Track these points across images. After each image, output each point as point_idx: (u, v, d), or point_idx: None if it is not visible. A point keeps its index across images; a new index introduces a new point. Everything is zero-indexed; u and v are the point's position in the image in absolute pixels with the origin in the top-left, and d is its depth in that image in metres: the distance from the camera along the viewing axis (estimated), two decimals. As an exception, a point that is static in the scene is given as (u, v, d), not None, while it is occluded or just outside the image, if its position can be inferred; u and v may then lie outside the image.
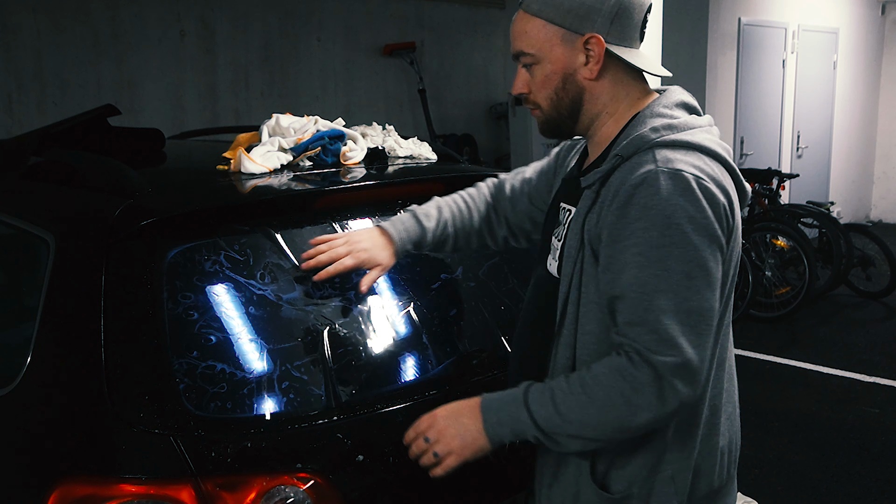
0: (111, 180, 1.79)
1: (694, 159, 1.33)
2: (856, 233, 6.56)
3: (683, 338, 1.27)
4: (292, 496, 1.47)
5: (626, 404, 1.29)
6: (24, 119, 5.77)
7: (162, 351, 1.52)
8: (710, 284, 1.29)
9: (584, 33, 1.39)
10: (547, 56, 1.42)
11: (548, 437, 1.36)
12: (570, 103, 1.45)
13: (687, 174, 1.30)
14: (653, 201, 1.29)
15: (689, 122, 1.40)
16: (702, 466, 1.45)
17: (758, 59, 7.73)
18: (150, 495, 1.41)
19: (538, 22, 1.42)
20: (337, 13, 7.57)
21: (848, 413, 4.38)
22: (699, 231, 1.28)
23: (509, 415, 1.38)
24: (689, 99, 1.47)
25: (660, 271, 1.28)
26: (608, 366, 1.32)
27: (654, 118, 1.40)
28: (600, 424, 1.32)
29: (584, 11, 1.39)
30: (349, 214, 1.86)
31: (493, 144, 9.19)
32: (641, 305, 1.28)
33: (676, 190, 1.28)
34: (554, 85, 1.44)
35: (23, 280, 1.99)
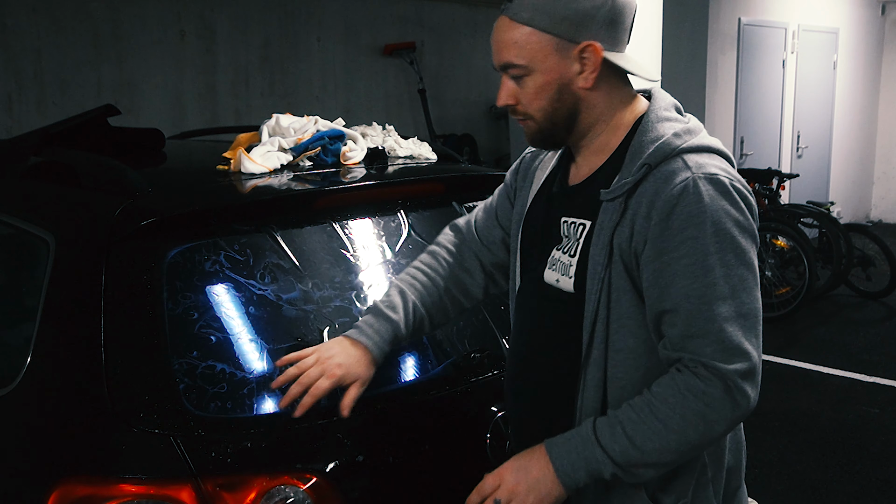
0: (111, 180, 1.79)
1: (719, 162, 1.33)
2: (856, 233, 6.55)
3: (747, 342, 1.26)
4: (292, 496, 1.47)
5: (703, 421, 1.26)
6: (24, 119, 5.76)
7: (162, 351, 1.52)
8: (757, 285, 1.30)
9: (581, 41, 1.33)
10: (540, 67, 1.35)
11: (626, 471, 1.30)
12: (566, 114, 1.39)
13: (723, 178, 1.29)
14: (698, 209, 1.26)
15: (698, 124, 1.40)
16: (731, 462, 1.46)
17: (758, 59, 7.73)
18: (150, 495, 1.41)
19: (528, 30, 1.34)
20: (337, 13, 7.57)
21: (848, 413, 4.38)
22: (744, 233, 1.28)
23: (581, 457, 1.32)
24: (675, 101, 1.45)
25: (716, 279, 1.25)
26: (673, 386, 1.28)
27: (662, 122, 1.36)
28: (680, 447, 1.28)
29: (579, 19, 1.32)
30: (349, 214, 1.86)
31: (493, 144, 9.19)
32: (702, 316, 1.25)
33: (718, 195, 1.27)
34: (548, 96, 1.37)
35: (23, 280, 1.99)
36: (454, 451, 1.72)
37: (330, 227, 1.82)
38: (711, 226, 1.25)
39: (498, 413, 1.75)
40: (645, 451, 1.28)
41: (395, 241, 1.89)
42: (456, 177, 2.17)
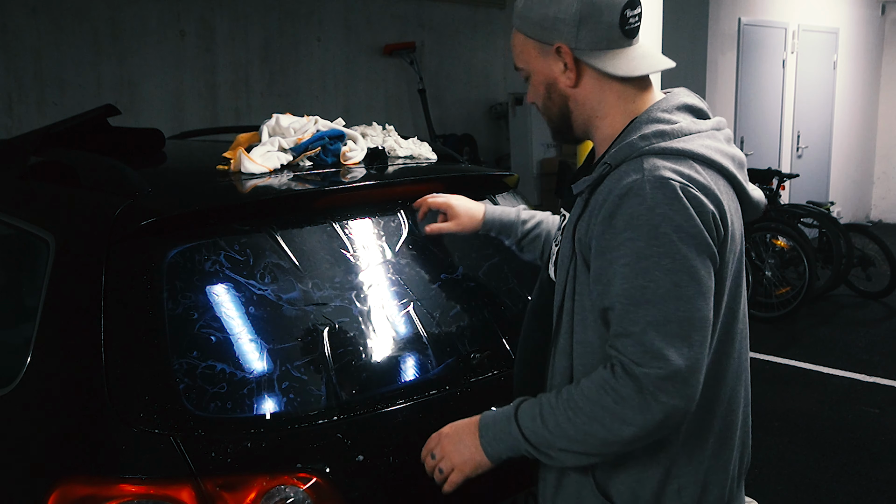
0: (111, 180, 1.79)
1: (684, 167, 1.31)
2: (856, 233, 6.56)
3: (672, 349, 1.24)
4: (292, 496, 1.47)
5: (611, 417, 1.27)
6: (24, 119, 5.77)
7: (162, 351, 1.52)
8: (701, 293, 1.27)
9: (553, 43, 1.39)
10: (531, 68, 1.45)
11: (539, 452, 1.35)
12: (558, 111, 1.46)
13: (674, 182, 1.27)
14: (639, 210, 1.27)
15: (686, 127, 1.37)
16: (711, 480, 1.42)
17: (758, 59, 7.73)
18: (150, 495, 1.41)
19: (520, 37, 1.44)
20: (337, 13, 7.57)
21: (848, 413, 4.38)
22: (687, 240, 1.26)
23: (503, 431, 1.39)
24: (693, 101, 1.45)
25: (647, 282, 1.26)
26: (594, 380, 1.31)
27: (648, 124, 1.36)
28: (587, 438, 1.30)
29: (549, 23, 1.38)
30: (349, 214, 1.86)
31: (493, 144, 9.19)
32: (628, 317, 1.27)
33: (663, 199, 1.26)
34: (542, 95, 1.46)
35: (23, 280, 1.99)
36: (454, 451, 1.71)
37: (330, 227, 1.82)
38: (650, 229, 1.26)
39: (498, 413, 1.75)
40: (555, 436, 1.32)
41: (395, 241, 1.89)
42: (456, 177, 2.17)
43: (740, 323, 1.43)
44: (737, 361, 1.43)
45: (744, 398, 1.49)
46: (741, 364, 1.46)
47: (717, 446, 1.42)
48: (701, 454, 1.40)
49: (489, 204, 1.93)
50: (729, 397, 1.43)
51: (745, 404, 1.50)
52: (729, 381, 1.42)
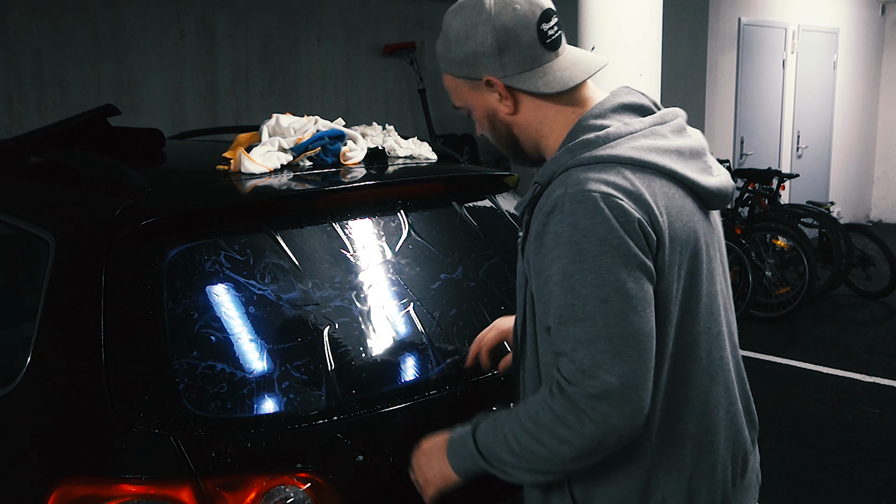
0: (111, 180, 1.79)
1: (609, 175, 1.26)
2: (856, 233, 6.55)
3: (602, 367, 1.22)
4: (292, 496, 1.47)
5: (549, 436, 1.26)
6: (24, 119, 5.77)
7: (162, 351, 1.52)
8: (630, 307, 1.23)
9: (482, 77, 1.38)
10: (468, 103, 1.45)
11: (495, 468, 1.36)
12: (506, 138, 1.46)
13: (595, 193, 1.24)
14: (562, 228, 1.25)
15: (615, 131, 1.32)
16: (697, 487, 1.39)
17: (758, 59, 7.73)
18: (150, 495, 1.41)
19: (449, 78, 1.45)
20: (337, 13, 7.57)
21: (848, 413, 4.38)
22: (611, 252, 1.22)
23: (463, 448, 1.40)
24: (633, 99, 1.40)
25: (574, 300, 1.23)
26: (536, 398, 1.30)
27: (577, 134, 1.34)
28: (531, 456, 1.29)
29: (471, 59, 1.38)
30: (349, 214, 1.86)
31: (493, 145, 9.19)
32: (560, 336, 1.25)
33: (583, 213, 1.23)
34: (487, 126, 1.46)
35: (23, 280, 1.99)
36: (454, 451, 1.72)
37: (330, 227, 1.82)
38: (573, 245, 1.24)
39: (498, 413, 1.75)
40: (505, 453, 1.33)
41: (395, 241, 1.89)
42: (456, 177, 2.17)
43: (703, 322, 1.37)
44: (706, 362, 1.39)
45: (725, 398, 1.43)
46: (714, 364, 1.40)
47: (697, 452, 1.38)
48: (680, 462, 1.37)
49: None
50: (703, 400, 1.38)
51: (728, 403, 1.44)
52: (699, 384, 1.38)
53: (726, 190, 1.42)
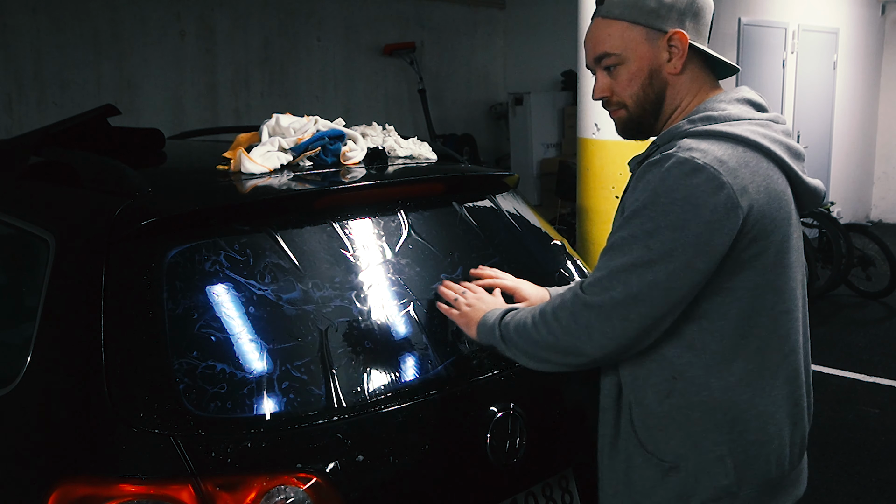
0: (111, 180, 1.79)
1: (720, 149, 1.37)
2: (856, 233, 6.55)
3: (612, 290, 1.37)
4: (292, 496, 1.47)
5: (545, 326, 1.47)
6: (24, 119, 5.77)
7: (162, 351, 1.52)
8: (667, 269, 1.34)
9: (668, 30, 1.47)
10: (633, 55, 1.49)
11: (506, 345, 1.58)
12: (654, 98, 1.51)
13: (698, 160, 1.34)
14: (654, 178, 1.36)
15: (736, 114, 1.45)
16: (758, 454, 1.47)
17: (758, 59, 7.73)
18: (150, 495, 1.41)
19: (621, 24, 1.48)
20: (337, 13, 7.58)
21: (848, 413, 4.38)
22: (678, 213, 1.33)
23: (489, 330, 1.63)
24: (753, 97, 1.52)
25: (628, 235, 1.37)
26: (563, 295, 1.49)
27: (704, 111, 1.46)
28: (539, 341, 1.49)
29: (664, 11, 1.47)
30: (349, 214, 1.86)
31: (493, 144, 9.20)
32: (604, 256, 1.42)
33: (678, 172, 1.34)
34: (641, 82, 1.50)
35: (23, 280, 1.99)
36: (454, 451, 1.72)
37: (330, 227, 1.82)
38: (652, 193, 1.36)
39: (498, 413, 1.76)
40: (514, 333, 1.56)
41: (395, 241, 1.89)
42: (456, 177, 2.17)
43: (787, 303, 1.46)
44: (781, 340, 1.47)
45: (792, 378, 1.51)
46: (788, 345, 1.49)
47: (759, 420, 1.47)
48: (742, 425, 1.45)
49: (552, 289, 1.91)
50: (773, 373, 1.47)
51: (793, 386, 1.52)
52: (771, 359, 1.46)
53: (821, 191, 1.54)
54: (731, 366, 1.44)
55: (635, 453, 1.52)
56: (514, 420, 1.78)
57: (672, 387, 1.46)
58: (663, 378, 1.46)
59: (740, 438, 1.46)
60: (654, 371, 1.47)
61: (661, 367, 1.47)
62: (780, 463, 1.50)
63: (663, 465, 1.48)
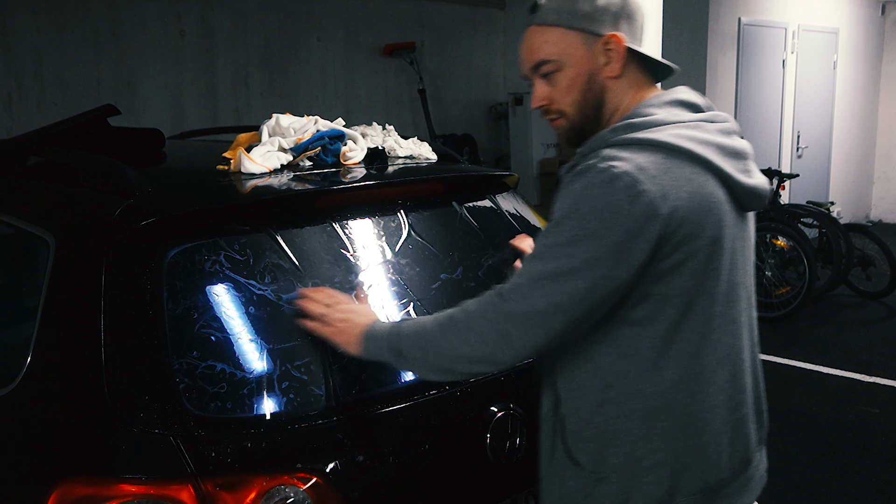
0: (111, 180, 1.79)
1: (640, 157, 1.35)
2: (856, 233, 6.55)
3: (532, 298, 1.34)
4: (292, 496, 1.47)
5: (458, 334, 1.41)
6: (24, 119, 5.77)
7: (162, 351, 1.52)
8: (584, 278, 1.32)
9: (604, 33, 1.45)
10: (570, 61, 1.47)
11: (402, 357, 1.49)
12: (594, 103, 1.49)
13: (616, 169, 1.32)
14: (575, 188, 1.35)
15: (662, 118, 1.42)
16: (691, 462, 1.44)
17: (758, 59, 7.73)
18: (150, 495, 1.41)
19: (557, 30, 1.46)
20: (337, 13, 7.58)
21: (848, 413, 4.38)
22: (598, 222, 1.31)
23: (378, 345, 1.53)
24: (689, 97, 1.49)
25: (548, 242, 1.36)
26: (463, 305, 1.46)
27: (632, 117, 1.44)
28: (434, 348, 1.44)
29: (599, 14, 1.45)
30: (349, 214, 1.86)
31: (493, 144, 9.19)
32: (525, 264, 1.40)
33: (597, 181, 1.33)
34: (580, 87, 1.48)
35: (23, 280, 1.99)
36: (454, 451, 1.72)
37: (330, 227, 1.82)
38: (573, 203, 1.35)
39: (498, 413, 1.76)
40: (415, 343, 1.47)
41: (395, 241, 1.89)
42: (456, 177, 2.17)
43: (718, 306, 1.43)
44: (715, 344, 1.43)
45: (730, 384, 1.47)
46: (723, 348, 1.45)
47: (692, 427, 1.43)
48: (673, 432, 1.42)
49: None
50: (707, 379, 1.43)
51: (733, 391, 1.48)
52: (705, 363, 1.42)
53: (761, 190, 1.49)
54: (664, 372, 1.41)
55: (565, 466, 1.50)
56: (514, 420, 1.78)
57: (606, 396, 1.43)
58: (597, 387, 1.44)
59: (674, 446, 1.43)
60: (589, 380, 1.45)
61: (595, 377, 1.44)
62: (718, 471, 1.46)
63: (593, 477, 1.45)
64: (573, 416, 1.48)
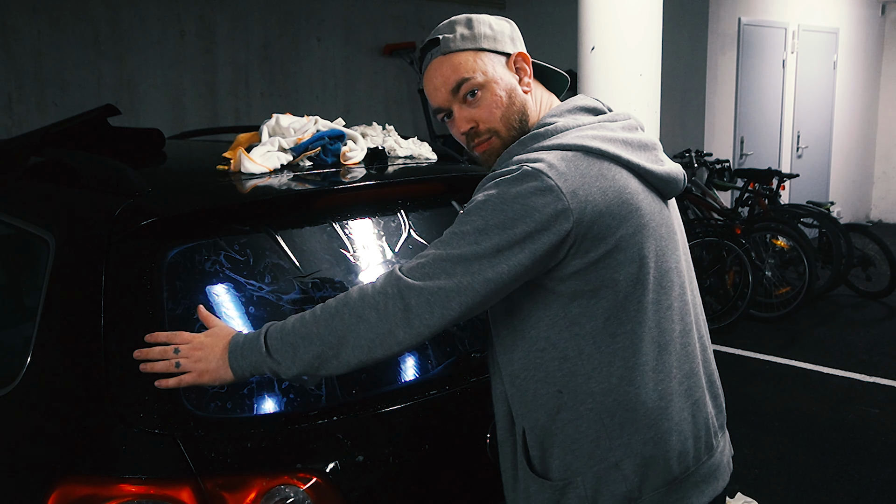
0: (111, 180, 1.79)
1: (551, 156, 1.39)
2: (856, 233, 6.55)
3: (435, 278, 1.35)
4: (292, 496, 1.47)
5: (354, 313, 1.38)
6: (24, 119, 5.77)
7: (162, 351, 1.52)
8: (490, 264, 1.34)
9: (511, 52, 1.52)
10: (491, 77, 1.49)
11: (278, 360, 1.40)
12: (519, 118, 1.52)
13: (528, 167, 1.37)
14: (488, 184, 1.40)
15: (564, 125, 1.47)
16: (654, 454, 1.44)
17: (758, 59, 7.73)
18: (150, 495, 1.41)
19: (467, 54, 1.49)
20: (337, 13, 7.57)
21: (848, 413, 4.38)
22: (506, 211, 1.34)
23: (251, 349, 1.43)
24: (587, 103, 1.54)
25: (458, 230, 1.37)
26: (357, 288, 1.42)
27: (534, 131, 1.48)
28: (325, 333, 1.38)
29: (500, 36, 1.51)
30: (349, 214, 1.86)
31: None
32: (430, 246, 1.41)
33: (510, 178, 1.37)
34: (505, 103, 1.50)
35: (23, 280, 1.99)
36: (454, 451, 1.72)
37: (330, 227, 1.82)
38: (485, 195, 1.38)
39: (498, 413, 1.76)
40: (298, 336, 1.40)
41: (395, 241, 1.89)
42: (456, 177, 2.17)
43: (651, 294, 1.44)
44: (655, 332, 1.45)
45: (678, 370, 1.48)
46: (665, 335, 1.47)
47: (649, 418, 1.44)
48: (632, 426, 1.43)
49: None
50: (653, 367, 1.44)
51: (683, 375, 1.50)
52: (647, 352, 1.44)
53: (675, 175, 1.52)
54: (610, 367, 1.42)
55: (530, 481, 1.50)
56: (514, 420, 1.78)
57: (560, 401, 1.44)
58: (550, 395, 1.45)
59: (632, 440, 1.43)
60: (540, 389, 1.45)
61: (545, 384, 1.45)
62: (683, 459, 1.47)
63: (559, 485, 1.46)
64: (531, 429, 1.49)
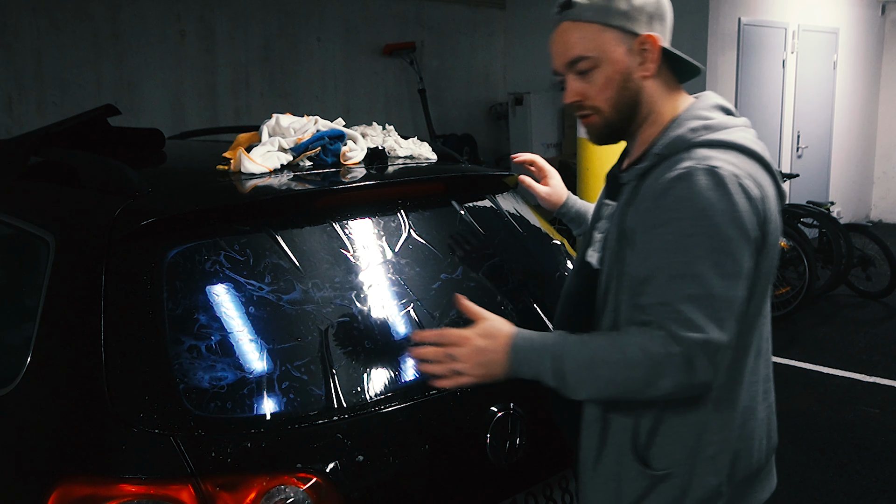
0: (111, 180, 1.79)
1: (731, 157, 1.39)
2: (856, 233, 6.55)
3: (707, 319, 1.32)
4: (292, 496, 1.47)
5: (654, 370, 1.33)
6: (24, 119, 5.76)
7: (162, 351, 1.52)
8: (737, 274, 1.34)
9: (640, 33, 1.46)
10: (607, 58, 1.47)
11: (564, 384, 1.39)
12: (629, 103, 1.50)
13: (723, 171, 1.35)
14: (688, 194, 1.35)
15: (726, 122, 1.47)
16: (741, 450, 1.49)
17: (758, 59, 7.73)
18: (150, 495, 1.41)
19: (593, 27, 1.46)
20: (337, 13, 7.57)
21: (848, 413, 4.38)
22: (730, 224, 1.33)
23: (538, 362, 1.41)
24: (723, 102, 1.54)
25: (688, 259, 1.33)
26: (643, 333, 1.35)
27: (692, 120, 1.46)
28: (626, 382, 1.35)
29: (635, 13, 1.46)
30: (349, 214, 1.86)
31: (493, 144, 9.19)
32: (670, 288, 1.34)
33: (711, 185, 1.34)
34: (616, 85, 1.48)
35: (23, 280, 1.99)
36: (454, 451, 1.72)
37: (330, 227, 1.82)
38: (696, 211, 1.34)
39: (498, 413, 1.76)
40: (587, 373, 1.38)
41: (395, 241, 1.89)
42: (456, 177, 2.17)
43: (767, 301, 1.51)
44: (758, 337, 1.50)
45: (764, 372, 1.55)
46: (763, 340, 1.52)
47: (743, 416, 1.49)
48: (731, 423, 1.48)
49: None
50: (752, 369, 1.50)
51: (765, 379, 1.56)
52: (751, 354, 1.49)
53: (785, 194, 1.55)
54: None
55: (629, 467, 1.50)
56: (514, 420, 1.78)
57: None
58: None
59: (729, 435, 1.48)
60: None
61: None
62: (759, 456, 1.53)
63: (655, 474, 1.48)
64: (643, 418, 1.48)
